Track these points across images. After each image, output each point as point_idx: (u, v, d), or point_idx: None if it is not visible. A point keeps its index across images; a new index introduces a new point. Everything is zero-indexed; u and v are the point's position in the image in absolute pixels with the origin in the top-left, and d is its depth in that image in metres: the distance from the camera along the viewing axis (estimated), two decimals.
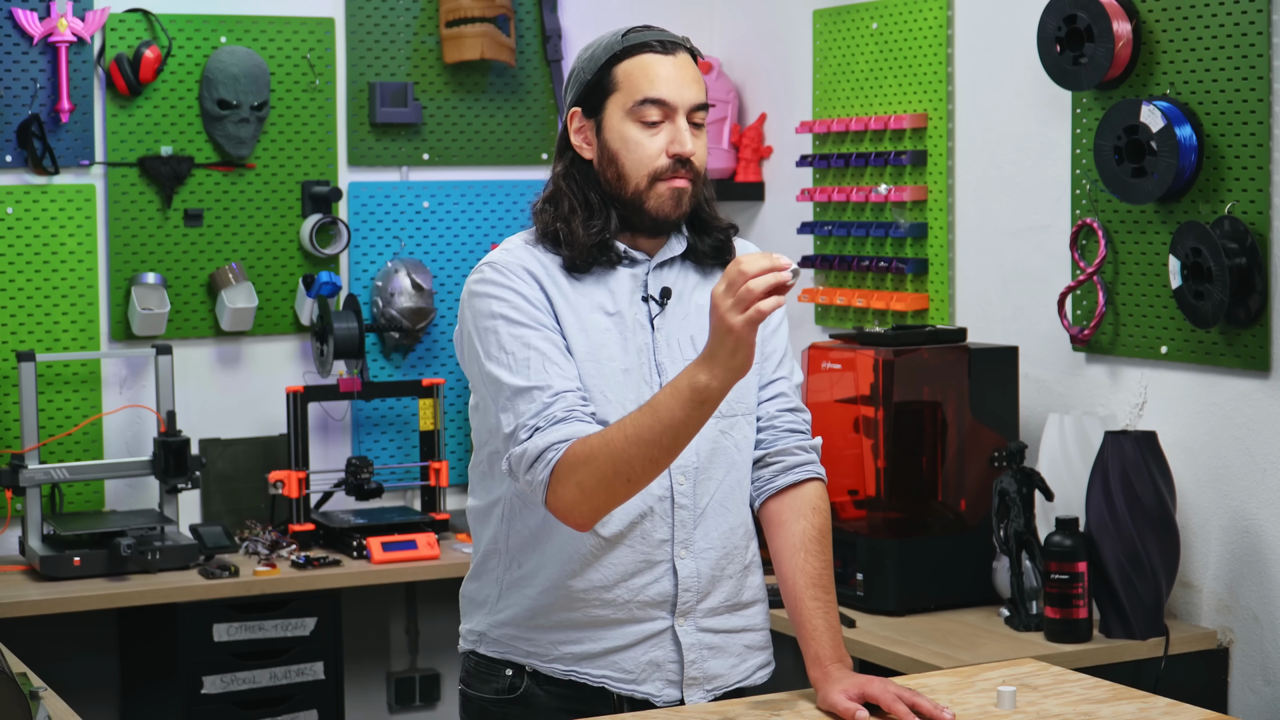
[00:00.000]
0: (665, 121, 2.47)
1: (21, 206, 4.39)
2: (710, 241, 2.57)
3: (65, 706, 2.90)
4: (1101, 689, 2.57)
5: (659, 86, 2.46)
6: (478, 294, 2.48)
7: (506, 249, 2.53)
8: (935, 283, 4.26)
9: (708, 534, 2.52)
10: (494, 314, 2.45)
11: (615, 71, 2.48)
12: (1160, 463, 3.45)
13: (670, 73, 2.47)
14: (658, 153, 2.47)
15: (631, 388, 2.47)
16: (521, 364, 2.41)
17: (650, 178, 2.48)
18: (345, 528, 4.44)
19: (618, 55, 2.48)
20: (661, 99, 2.46)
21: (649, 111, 2.46)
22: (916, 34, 4.29)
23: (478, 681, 2.57)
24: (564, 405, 2.38)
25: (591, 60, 2.51)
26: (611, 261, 2.50)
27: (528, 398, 2.39)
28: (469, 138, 4.86)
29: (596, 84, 2.49)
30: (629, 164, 2.48)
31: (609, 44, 2.50)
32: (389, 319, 4.68)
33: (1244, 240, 3.40)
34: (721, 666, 2.54)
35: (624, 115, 2.47)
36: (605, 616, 2.49)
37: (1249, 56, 3.42)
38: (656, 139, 2.47)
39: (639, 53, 2.47)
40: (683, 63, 2.48)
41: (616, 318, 2.49)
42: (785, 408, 2.60)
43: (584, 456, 2.33)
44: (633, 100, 2.46)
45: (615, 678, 2.50)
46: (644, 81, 2.46)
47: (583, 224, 2.49)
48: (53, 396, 4.43)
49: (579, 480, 2.34)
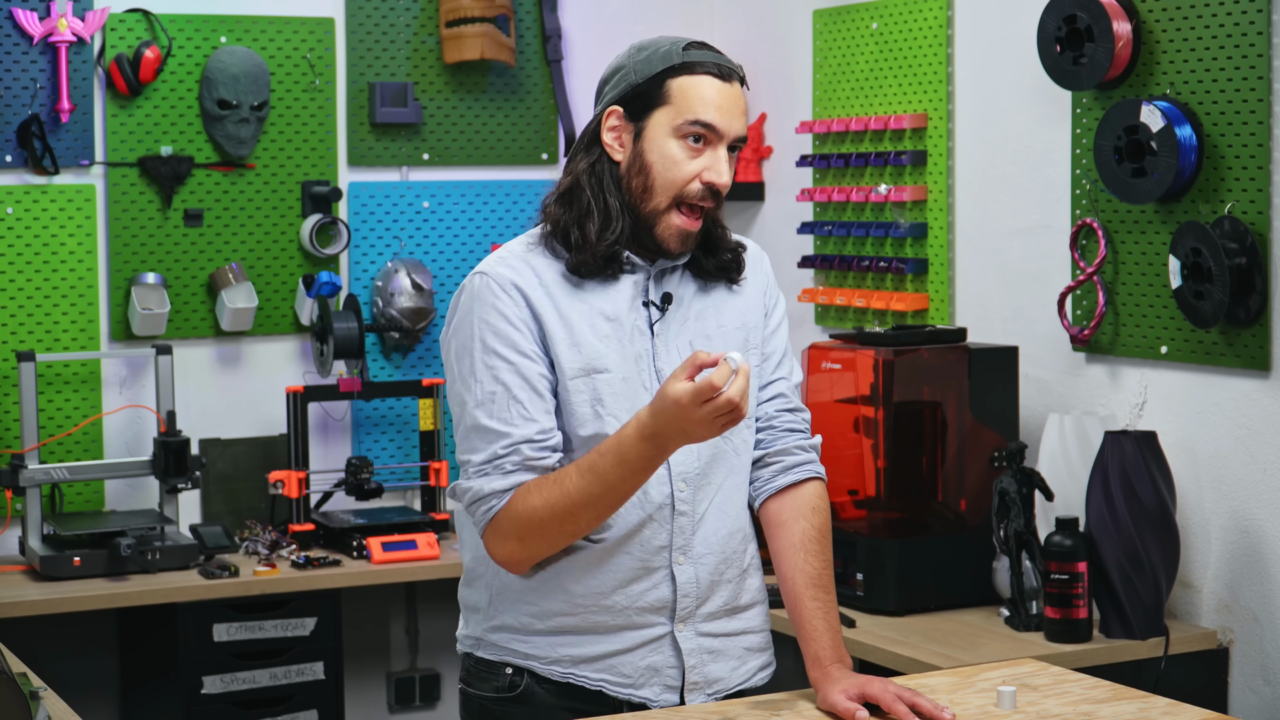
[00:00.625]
0: (707, 147, 2.45)
1: (21, 206, 4.39)
2: (715, 261, 2.55)
3: (65, 706, 2.90)
4: (1101, 689, 2.57)
5: (713, 112, 2.43)
6: (463, 306, 2.48)
7: (502, 257, 2.51)
8: (935, 283, 4.26)
9: (706, 539, 2.52)
10: (473, 334, 2.45)
11: (670, 84, 2.44)
12: (1160, 463, 3.45)
13: (725, 101, 2.44)
14: (691, 176, 2.44)
15: (628, 396, 2.47)
16: (487, 398, 2.42)
17: (674, 200, 2.45)
18: (345, 528, 4.44)
19: (676, 69, 2.44)
20: (712, 125, 2.43)
21: (697, 132, 2.43)
22: (916, 34, 4.29)
23: (478, 680, 2.57)
24: (516, 457, 2.40)
25: (646, 65, 2.46)
26: (615, 272, 2.49)
27: (484, 437, 2.42)
28: (469, 138, 4.86)
29: (647, 91, 2.45)
30: (660, 180, 2.45)
31: (668, 53, 2.45)
32: (389, 319, 4.68)
33: (1244, 240, 3.40)
34: (722, 670, 2.54)
35: (669, 130, 2.44)
36: (604, 622, 2.49)
37: (1249, 56, 3.42)
38: (695, 161, 2.44)
39: (699, 72, 2.44)
40: (736, 93, 2.46)
41: (615, 324, 2.48)
42: (784, 408, 2.60)
43: (527, 515, 2.38)
44: (683, 118, 2.43)
45: (613, 681, 2.50)
46: (699, 103, 2.43)
47: (598, 231, 2.46)
48: (53, 396, 4.43)
49: (520, 535, 2.40)
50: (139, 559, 4.12)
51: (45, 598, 4.00)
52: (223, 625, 4.15)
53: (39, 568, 4.12)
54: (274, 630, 4.21)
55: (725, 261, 2.56)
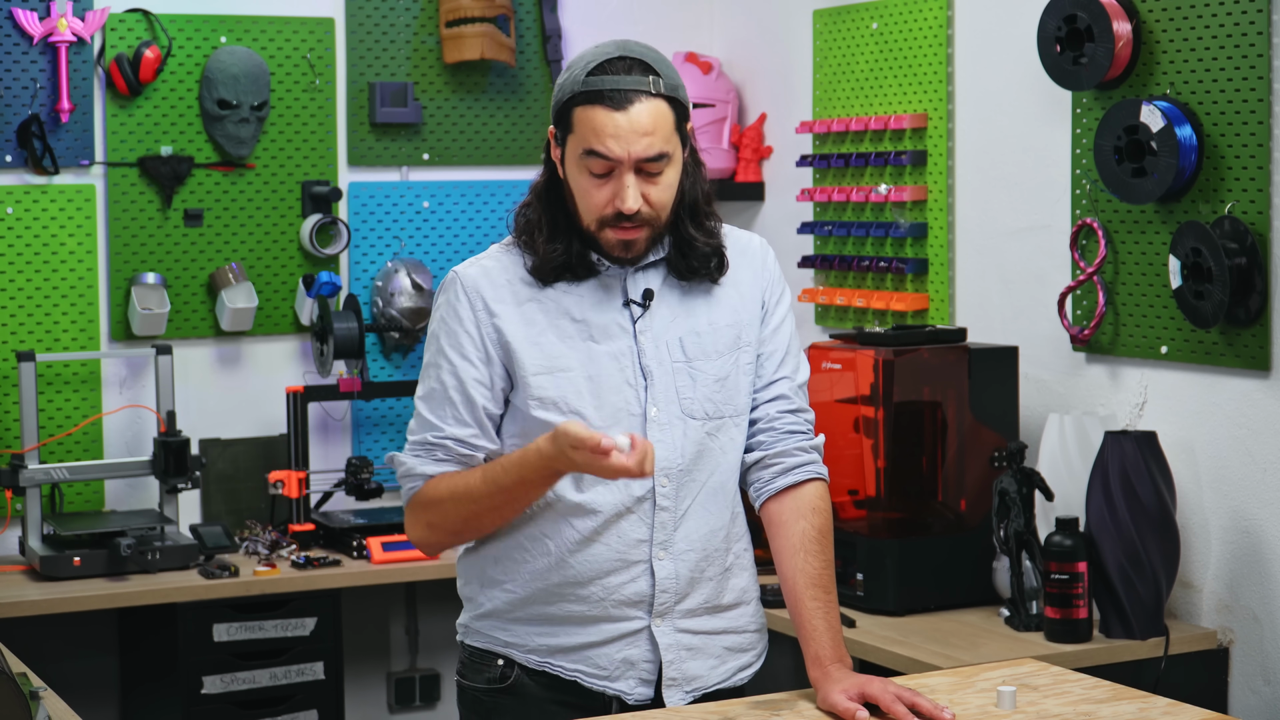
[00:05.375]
0: (610, 175, 2.45)
1: (21, 206, 4.39)
2: (690, 263, 2.55)
3: (65, 706, 2.90)
4: (1101, 689, 2.57)
5: (605, 142, 2.42)
6: (437, 302, 2.60)
7: (477, 259, 2.60)
8: (935, 283, 4.26)
9: (688, 535, 2.53)
10: (435, 330, 2.58)
11: (574, 113, 2.46)
12: (1160, 463, 3.45)
13: (619, 128, 2.42)
14: (604, 203, 2.47)
15: (598, 395, 2.49)
16: (429, 392, 2.57)
17: (599, 223, 2.49)
18: (345, 528, 4.44)
19: (577, 97, 2.45)
20: (605, 155, 2.43)
21: (594, 164, 2.45)
22: (916, 34, 4.29)
23: (471, 672, 2.60)
24: (443, 451, 2.53)
25: (561, 90, 2.48)
26: (579, 275, 2.53)
27: (420, 422, 2.56)
28: (469, 138, 4.86)
29: (560, 117, 2.49)
30: (581, 207, 2.50)
31: (574, 79, 2.46)
32: (389, 319, 4.68)
33: (1244, 240, 3.40)
34: (700, 668, 2.55)
35: (575, 160, 2.47)
36: (580, 613, 2.51)
37: (1249, 56, 3.42)
38: (603, 190, 2.46)
39: (592, 103, 2.43)
40: (636, 115, 2.42)
41: (581, 325, 2.51)
42: (786, 409, 2.60)
43: (434, 501, 2.52)
44: (581, 148, 2.45)
45: (588, 673, 2.52)
46: (591, 135, 2.43)
47: (545, 243, 2.53)
48: (53, 396, 4.43)
49: (428, 520, 2.53)
50: (139, 559, 4.12)
51: (45, 598, 4.00)
52: (223, 625, 4.15)
53: (39, 568, 4.12)
54: (274, 630, 4.21)
55: (701, 261, 2.55)
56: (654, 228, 2.50)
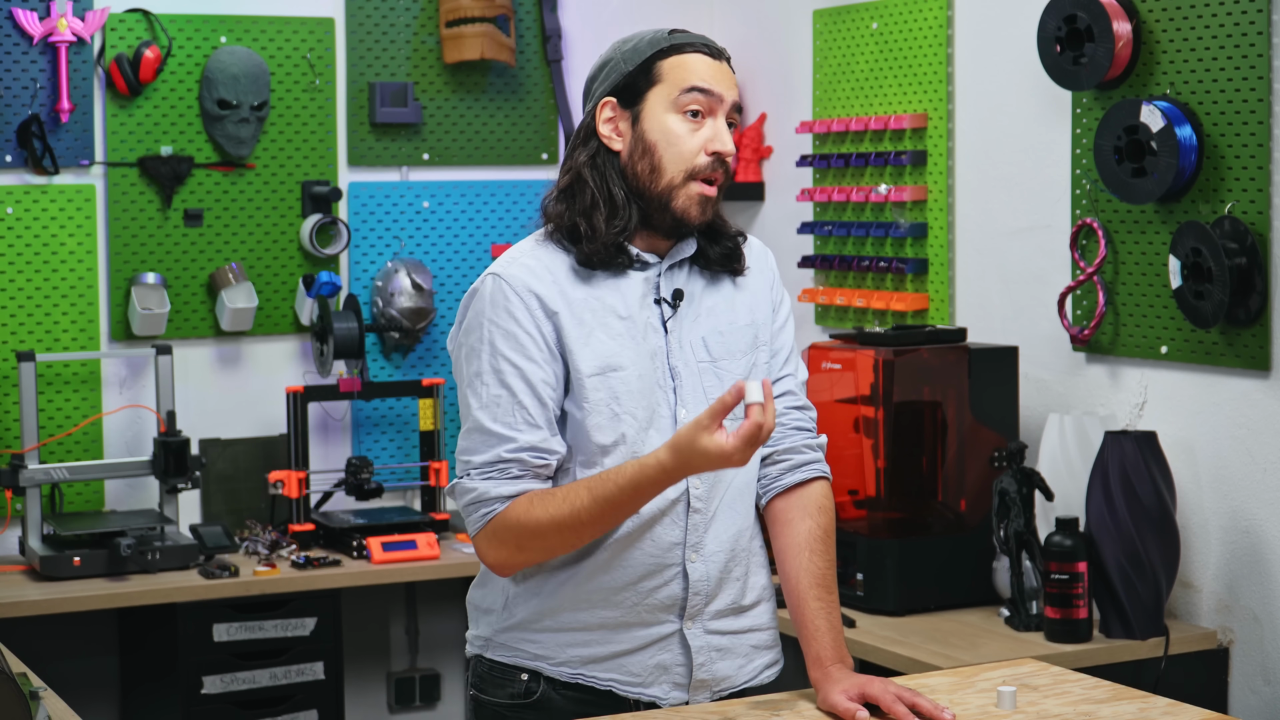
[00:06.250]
0: (707, 117, 2.47)
1: (21, 206, 4.39)
2: (719, 249, 2.56)
3: (65, 706, 2.90)
4: (1101, 689, 2.57)
5: (706, 78, 2.48)
6: (475, 308, 2.48)
7: (514, 258, 2.50)
8: (935, 283, 4.26)
9: (718, 536, 2.51)
10: (483, 337, 2.45)
11: (660, 65, 2.48)
12: (1160, 463, 3.45)
13: (717, 71, 2.49)
14: (698, 148, 2.46)
15: (644, 394, 2.46)
16: (492, 401, 2.42)
17: (687, 175, 2.46)
18: (345, 528, 4.44)
19: (664, 50, 2.49)
20: (708, 88, 2.47)
21: (695, 100, 2.46)
22: (916, 34, 4.29)
23: (491, 686, 2.54)
24: (519, 465, 2.41)
25: (634, 53, 2.50)
26: (623, 265, 2.49)
27: (487, 440, 2.42)
28: (469, 138, 4.86)
29: (637, 76, 2.49)
30: (668, 157, 2.47)
31: (654, 39, 2.51)
32: (389, 319, 4.68)
33: (1244, 240, 3.40)
34: (729, 668, 2.54)
35: (668, 106, 2.47)
36: (613, 619, 2.48)
37: (1249, 56, 3.42)
38: (698, 134, 2.47)
39: (688, 50, 2.50)
40: (725, 68, 2.52)
41: (629, 321, 2.48)
42: (792, 405, 2.60)
43: (531, 526, 2.39)
44: (679, 89, 2.46)
45: (622, 681, 2.49)
46: (692, 74, 2.47)
47: (605, 219, 2.47)
48: (53, 396, 4.43)
49: (519, 543, 2.41)
50: (139, 559, 4.12)
51: (45, 598, 4.00)
52: (223, 625, 4.15)
53: (39, 568, 4.12)
54: (274, 630, 4.21)
55: (729, 250, 2.56)
56: (721, 192, 2.51)
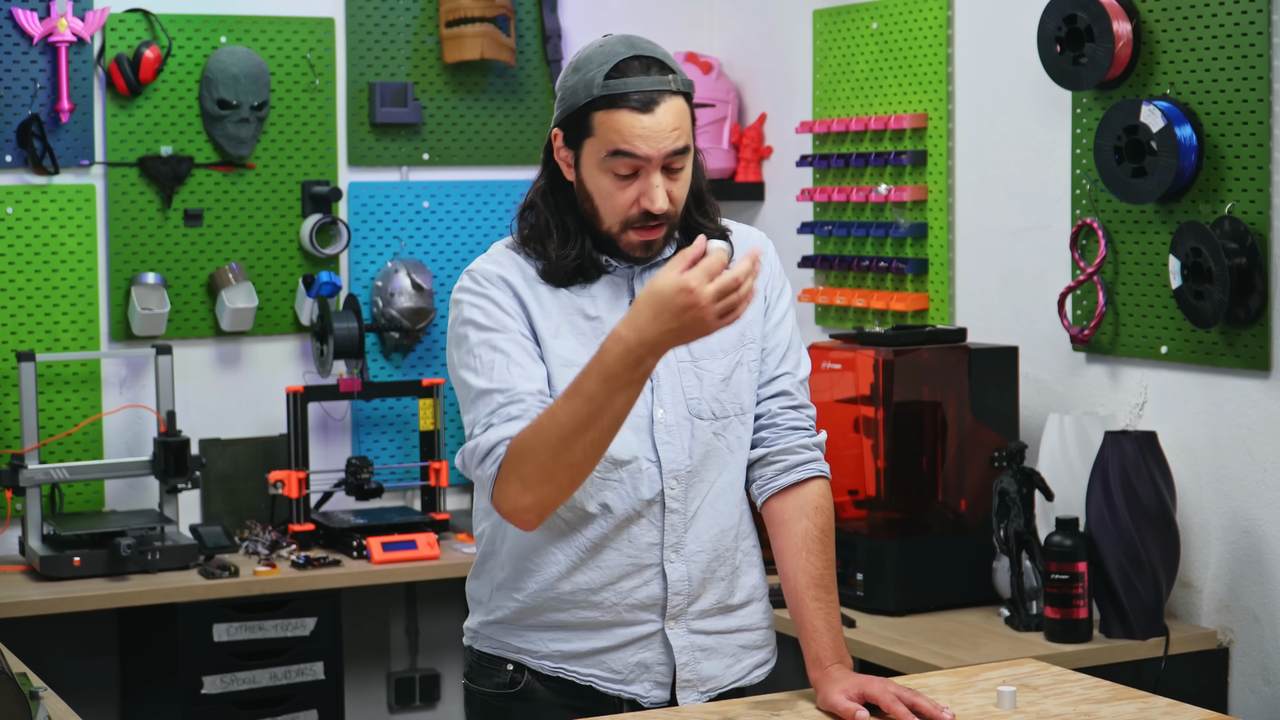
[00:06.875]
0: (636, 175, 2.43)
1: (21, 206, 4.39)
2: None
3: (65, 706, 2.90)
4: (1101, 689, 2.57)
5: (634, 143, 2.40)
6: (456, 301, 2.52)
7: (490, 256, 2.55)
8: (935, 283, 4.26)
9: (698, 537, 2.52)
10: (466, 320, 2.48)
11: (594, 117, 2.42)
12: (1160, 463, 3.45)
13: (647, 129, 2.40)
14: (629, 204, 2.44)
15: None
16: (486, 367, 2.43)
17: (623, 225, 2.46)
18: (345, 528, 4.44)
19: (597, 101, 2.42)
20: (633, 152, 2.41)
21: (620, 164, 2.42)
22: (916, 34, 4.29)
23: (479, 676, 2.58)
24: (520, 406, 2.39)
25: (574, 93, 2.45)
26: (590, 276, 2.51)
27: (487, 399, 2.41)
28: (469, 138, 4.86)
29: (577, 120, 2.45)
30: (603, 210, 2.47)
31: (590, 82, 2.43)
32: (389, 319, 4.68)
33: (1244, 240, 3.40)
34: (715, 668, 2.54)
35: (596, 163, 2.44)
36: (593, 619, 2.50)
37: (1249, 56, 3.42)
38: (628, 191, 2.44)
39: (616, 106, 2.41)
40: (662, 115, 2.41)
41: (595, 322, 2.49)
42: (788, 405, 2.59)
43: (520, 450, 2.34)
44: (605, 150, 2.42)
45: (603, 677, 2.50)
46: (617, 137, 2.41)
47: (557, 249, 2.49)
48: (53, 396, 4.43)
49: (521, 474, 2.34)
50: (139, 559, 4.12)
51: (45, 598, 4.00)
52: (223, 625, 4.15)
53: (39, 568, 4.12)
54: (274, 630, 4.21)
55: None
56: (673, 224, 2.49)
